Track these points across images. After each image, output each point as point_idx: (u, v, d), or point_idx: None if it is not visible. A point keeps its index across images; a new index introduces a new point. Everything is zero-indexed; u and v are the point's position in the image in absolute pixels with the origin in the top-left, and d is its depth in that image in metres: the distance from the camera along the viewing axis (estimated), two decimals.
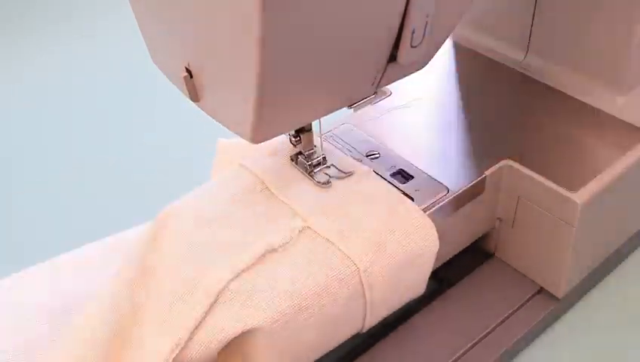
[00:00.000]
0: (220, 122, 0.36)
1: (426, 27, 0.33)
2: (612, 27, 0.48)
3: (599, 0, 0.47)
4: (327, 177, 0.41)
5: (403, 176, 0.44)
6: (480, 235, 0.49)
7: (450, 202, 0.42)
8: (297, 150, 0.42)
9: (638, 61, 0.48)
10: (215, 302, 0.35)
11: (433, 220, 0.40)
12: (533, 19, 0.53)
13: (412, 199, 0.42)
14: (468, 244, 0.48)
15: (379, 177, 0.42)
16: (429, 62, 0.39)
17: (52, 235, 0.59)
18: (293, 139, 0.41)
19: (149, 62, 0.40)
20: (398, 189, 0.42)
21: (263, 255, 0.36)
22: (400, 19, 0.32)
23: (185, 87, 0.35)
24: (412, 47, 0.34)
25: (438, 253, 0.40)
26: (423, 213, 0.40)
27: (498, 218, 0.48)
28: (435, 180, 0.43)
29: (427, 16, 0.33)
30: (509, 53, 0.55)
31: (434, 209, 0.41)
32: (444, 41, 0.39)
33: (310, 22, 0.28)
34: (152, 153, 0.69)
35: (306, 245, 0.37)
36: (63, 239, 0.47)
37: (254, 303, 0.35)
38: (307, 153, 0.41)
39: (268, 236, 0.37)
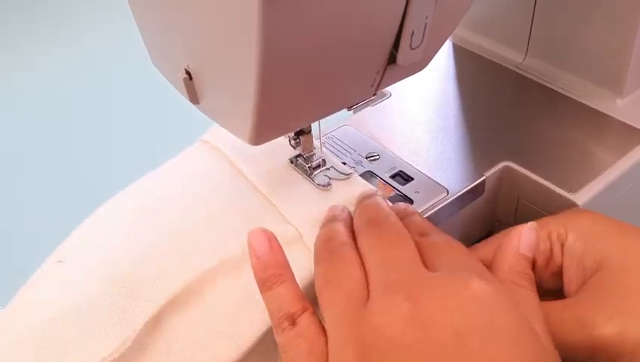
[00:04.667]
0: (219, 124, 0.36)
1: (425, 29, 0.33)
2: (611, 29, 0.48)
3: (598, 2, 0.48)
4: (327, 179, 0.41)
5: (402, 177, 0.44)
6: (480, 237, 0.48)
7: (449, 204, 0.42)
8: (297, 152, 0.42)
9: (637, 63, 0.48)
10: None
11: (433, 222, 0.40)
12: (532, 21, 0.53)
13: (412, 201, 0.42)
14: (467, 246, 0.48)
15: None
16: (429, 64, 0.39)
17: (53, 236, 0.59)
18: (292, 141, 0.41)
19: (148, 64, 0.40)
20: (398, 191, 0.42)
21: None
22: (399, 21, 0.32)
23: (184, 89, 0.35)
24: (411, 48, 0.34)
25: None
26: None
27: (498, 220, 0.48)
28: (435, 182, 0.43)
29: (426, 18, 0.33)
30: (508, 54, 0.55)
31: (433, 211, 0.41)
32: (444, 42, 0.39)
33: (310, 24, 0.28)
34: (152, 154, 0.69)
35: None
36: (64, 239, 0.47)
37: None
38: (307, 155, 0.41)
39: None
